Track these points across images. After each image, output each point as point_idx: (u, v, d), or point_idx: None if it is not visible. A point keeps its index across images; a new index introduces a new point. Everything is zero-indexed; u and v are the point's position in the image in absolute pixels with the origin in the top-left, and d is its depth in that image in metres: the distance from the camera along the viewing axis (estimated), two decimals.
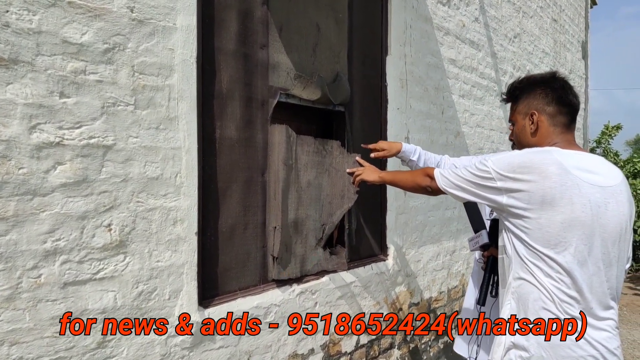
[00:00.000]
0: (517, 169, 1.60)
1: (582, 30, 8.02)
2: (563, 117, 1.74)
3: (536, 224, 1.58)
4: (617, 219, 1.62)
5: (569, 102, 1.74)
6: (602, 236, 1.58)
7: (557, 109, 1.74)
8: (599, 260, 1.59)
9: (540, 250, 1.58)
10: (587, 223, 1.56)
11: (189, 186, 1.94)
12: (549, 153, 1.62)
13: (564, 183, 1.55)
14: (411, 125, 3.43)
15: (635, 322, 6.14)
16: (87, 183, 1.64)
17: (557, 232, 1.56)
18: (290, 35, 2.43)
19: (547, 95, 1.76)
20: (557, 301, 1.56)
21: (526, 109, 1.80)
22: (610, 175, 1.65)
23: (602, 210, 1.58)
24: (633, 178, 11.20)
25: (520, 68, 5.37)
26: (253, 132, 2.29)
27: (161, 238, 1.86)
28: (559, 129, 1.74)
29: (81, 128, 1.62)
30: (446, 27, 3.86)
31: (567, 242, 1.56)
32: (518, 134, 1.86)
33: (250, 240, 2.30)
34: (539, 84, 1.79)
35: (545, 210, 1.56)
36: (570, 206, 1.55)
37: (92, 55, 1.64)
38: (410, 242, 3.45)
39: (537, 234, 1.58)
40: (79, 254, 1.63)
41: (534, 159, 1.61)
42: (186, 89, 1.92)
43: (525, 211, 1.59)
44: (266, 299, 2.30)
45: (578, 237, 1.56)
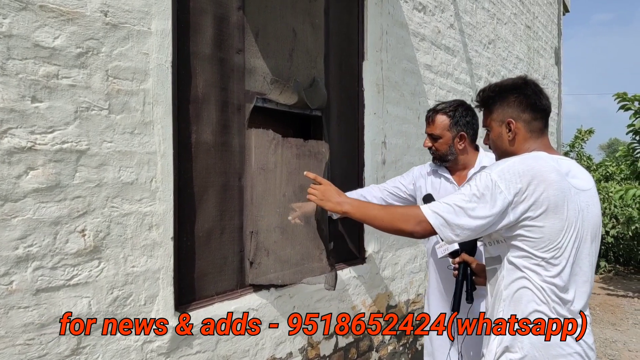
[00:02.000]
0: (518, 180, 1.58)
1: (554, 37, 8.20)
2: (538, 122, 1.77)
3: (539, 232, 1.58)
4: (595, 221, 1.68)
5: (543, 107, 1.77)
6: (585, 238, 1.64)
7: (532, 115, 1.76)
8: (583, 262, 1.64)
9: (539, 256, 1.59)
10: (577, 227, 1.61)
11: (165, 191, 1.93)
12: (544, 160, 1.63)
13: (563, 189, 1.58)
14: (388, 130, 3.47)
15: (608, 321, 6.28)
16: (60, 188, 1.63)
17: (557, 238, 1.58)
18: (267, 40, 2.45)
19: (521, 103, 1.77)
20: (550, 303, 1.60)
21: (501, 117, 1.80)
22: (586, 179, 1.71)
23: (585, 214, 1.64)
24: (605, 181, 11.46)
25: (495, 74, 5.46)
26: (230, 137, 2.30)
27: (136, 243, 1.85)
28: (536, 135, 1.76)
29: (54, 133, 1.60)
30: (422, 33, 3.92)
31: (564, 246, 1.59)
32: (495, 140, 1.85)
33: (227, 245, 2.30)
34: (512, 90, 1.80)
35: (548, 218, 1.57)
36: (567, 212, 1.59)
37: (64, 59, 1.62)
38: (388, 245, 3.48)
39: (539, 242, 1.58)
40: (52, 259, 1.61)
41: (534, 167, 1.59)
42: (161, 93, 1.92)
43: (531, 220, 1.58)
44: (243, 303, 2.29)
45: (572, 241, 1.60)
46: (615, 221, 9.35)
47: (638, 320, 6.31)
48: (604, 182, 11.27)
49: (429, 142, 2.49)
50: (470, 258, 2.10)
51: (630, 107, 7.28)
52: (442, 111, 2.44)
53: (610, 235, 9.26)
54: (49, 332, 1.60)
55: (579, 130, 13.20)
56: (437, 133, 2.43)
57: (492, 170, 1.63)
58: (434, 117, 2.44)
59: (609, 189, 9.83)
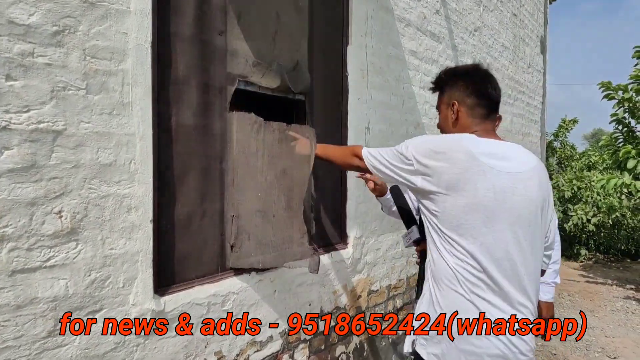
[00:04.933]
0: (431, 153, 1.70)
1: (541, 26, 8.22)
2: (481, 108, 1.82)
3: (443, 207, 1.68)
4: (526, 204, 1.68)
5: (488, 95, 1.83)
6: (508, 220, 1.65)
7: (476, 101, 1.82)
8: (508, 244, 1.65)
9: (446, 232, 1.69)
10: (490, 207, 1.63)
11: (144, 173, 1.92)
12: (459, 140, 1.71)
13: (469, 169, 1.64)
14: (372, 116, 3.47)
15: (586, 308, 6.40)
16: (36, 169, 1.60)
17: (460, 215, 1.65)
18: (249, 22, 2.42)
19: (467, 88, 1.84)
20: (461, 279, 1.66)
21: (448, 99, 1.89)
22: (521, 162, 1.72)
23: (509, 196, 1.65)
24: (588, 170, 11.60)
25: (480, 61, 5.47)
26: (211, 120, 2.28)
27: (115, 225, 1.84)
28: (477, 120, 1.82)
29: (29, 112, 1.58)
30: (407, 18, 3.91)
31: (468, 224, 1.65)
32: (442, 122, 1.96)
33: (208, 229, 2.30)
34: (461, 75, 1.89)
35: (450, 195, 1.66)
36: (474, 191, 1.63)
37: (40, 37, 1.59)
38: (370, 231, 3.49)
39: (443, 217, 1.69)
40: (27, 241, 1.59)
41: (445, 144, 1.70)
42: (140, 74, 1.89)
43: (434, 194, 1.69)
44: (224, 287, 2.29)
45: (480, 220, 1.64)
46: (597, 210, 9.49)
47: (616, 307, 6.44)
48: (587, 170, 11.41)
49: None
50: None
51: (614, 97, 7.36)
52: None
53: (591, 224, 9.40)
54: (25, 313, 1.59)
55: (563, 120, 13.31)
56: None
57: (414, 140, 1.82)
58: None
59: (591, 178, 9.96)
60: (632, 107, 7.24)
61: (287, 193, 2.60)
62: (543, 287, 2.50)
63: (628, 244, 9.68)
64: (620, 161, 6.94)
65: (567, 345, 5.02)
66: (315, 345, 2.91)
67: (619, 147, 7.49)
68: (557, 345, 4.99)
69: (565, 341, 5.11)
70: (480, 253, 1.64)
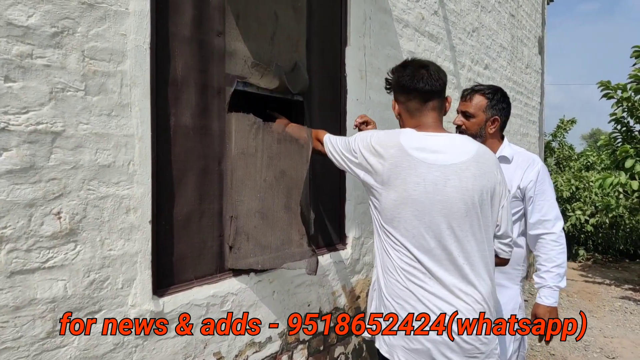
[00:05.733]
0: (371, 148, 1.80)
1: (538, 26, 8.24)
2: (412, 102, 1.87)
3: (380, 201, 1.78)
4: (460, 195, 1.71)
5: (414, 87, 1.85)
6: (441, 212, 1.70)
7: (406, 97, 1.89)
8: (441, 235, 1.70)
9: (384, 225, 1.78)
10: (420, 200, 1.70)
11: (142, 174, 1.92)
12: (394, 135, 1.79)
13: (399, 164, 1.71)
14: (371, 117, 3.45)
15: (585, 308, 6.41)
16: (35, 170, 1.60)
17: (392, 209, 1.73)
18: (248, 22, 2.42)
19: (397, 85, 1.92)
20: (399, 269, 1.76)
21: (393, 99, 1.99)
22: (456, 153, 1.76)
23: (440, 188, 1.70)
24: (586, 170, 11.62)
25: (479, 62, 5.49)
26: (209, 121, 2.28)
27: (113, 226, 1.84)
28: (414, 114, 1.89)
29: (28, 113, 1.58)
30: (405, 19, 3.91)
31: (401, 217, 1.72)
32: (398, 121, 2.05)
33: (207, 229, 2.30)
34: (394, 75, 1.96)
35: (385, 189, 1.74)
36: (404, 185, 1.70)
37: (39, 38, 1.59)
38: (369, 232, 3.50)
39: (381, 210, 1.78)
40: (26, 242, 1.59)
41: (383, 140, 1.79)
42: (139, 75, 1.89)
43: (373, 189, 1.80)
44: (223, 287, 2.30)
45: (411, 213, 1.71)
46: (595, 210, 9.51)
47: (614, 307, 6.45)
48: (585, 171, 11.44)
49: (461, 119, 2.54)
50: None
51: (612, 96, 7.38)
52: (481, 92, 2.51)
53: (589, 224, 9.42)
54: (24, 314, 1.59)
55: (562, 120, 13.35)
56: (471, 111, 2.49)
57: (363, 133, 1.92)
58: (472, 96, 2.52)
59: (589, 178, 9.98)
60: (631, 106, 7.26)
61: (286, 194, 2.60)
62: (544, 290, 2.41)
63: (626, 244, 9.70)
64: (619, 161, 6.96)
65: (566, 346, 5.03)
66: (314, 346, 2.91)
67: (617, 147, 7.51)
68: (556, 346, 4.99)
69: (565, 341, 5.12)
70: (412, 245, 1.71)
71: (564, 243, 2.48)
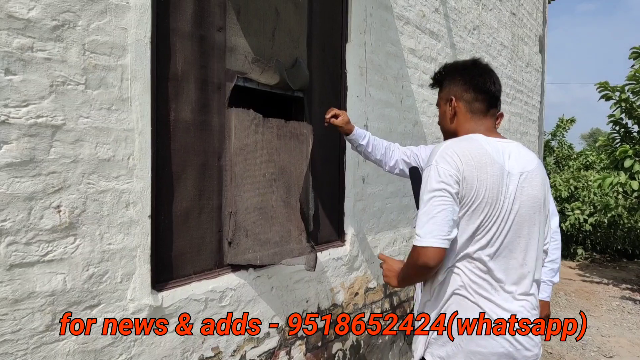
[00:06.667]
0: (458, 163, 1.61)
1: (539, 25, 8.23)
2: (480, 103, 1.79)
3: (466, 215, 1.62)
4: (531, 203, 1.68)
5: (486, 89, 1.80)
6: (516, 220, 1.64)
7: (474, 96, 1.80)
8: (513, 243, 1.64)
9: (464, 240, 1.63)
10: (505, 209, 1.62)
11: (142, 169, 1.92)
12: (477, 142, 1.68)
13: (494, 173, 1.62)
14: (370, 114, 3.47)
15: (583, 307, 6.42)
16: (35, 163, 1.60)
17: (482, 222, 1.61)
18: (249, 18, 2.42)
19: (465, 82, 1.82)
20: (466, 282, 1.64)
21: (447, 95, 1.87)
22: (525, 161, 1.71)
23: (518, 196, 1.65)
24: (585, 170, 11.63)
25: None
26: (209, 116, 2.28)
27: (113, 221, 1.84)
28: (477, 116, 1.80)
29: (28, 107, 1.58)
30: (406, 16, 3.91)
31: (488, 229, 1.62)
32: (440, 118, 1.94)
33: (206, 225, 2.30)
34: (459, 70, 1.87)
35: (476, 201, 1.61)
36: (496, 195, 1.61)
37: (39, 31, 1.59)
38: (368, 229, 3.50)
39: (465, 224, 1.62)
40: (26, 235, 1.59)
41: (466, 150, 1.64)
42: (140, 69, 1.89)
43: (463, 205, 1.62)
44: (221, 283, 2.30)
45: (497, 224, 1.62)
46: (593, 209, 9.52)
47: (612, 306, 6.47)
48: (584, 170, 11.44)
49: None
50: None
51: (611, 97, 7.38)
52: None
53: (588, 224, 9.43)
54: (23, 307, 1.59)
55: (561, 119, 13.36)
56: None
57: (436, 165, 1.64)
58: None
59: (589, 178, 9.99)
60: (629, 107, 7.27)
61: (285, 190, 2.61)
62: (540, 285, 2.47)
63: (624, 243, 9.71)
64: (618, 161, 6.97)
65: (563, 344, 5.04)
66: (312, 342, 2.91)
67: (616, 147, 7.52)
68: (554, 345, 5.01)
69: (564, 341, 5.13)
70: (493, 258, 1.63)
71: (559, 239, 2.51)
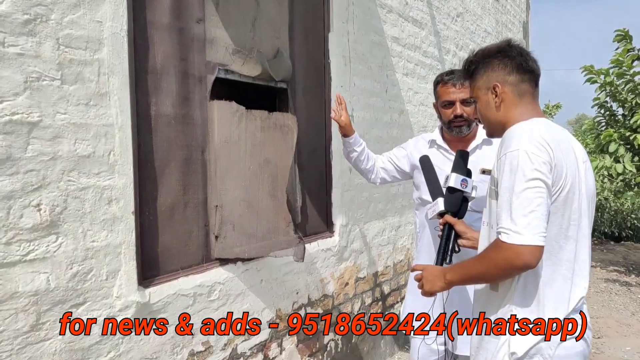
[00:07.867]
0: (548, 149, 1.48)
1: (523, 11, 8.25)
2: (526, 84, 1.67)
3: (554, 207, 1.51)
4: (591, 193, 1.63)
5: (530, 69, 1.67)
6: (583, 209, 1.58)
7: (519, 77, 1.66)
8: (578, 234, 1.57)
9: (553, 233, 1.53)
10: (577, 197, 1.54)
11: (124, 164, 1.89)
12: (553, 126, 1.60)
13: (570, 159, 1.54)
14: (355, 104, 3.45)
15: None
16: (12, 161, 1.57)
17: (562, 208, 1.52)
18: (228, 9, 2.39)
19: (506, 65, 1.67)
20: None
21: (487, 84, 1.70)
22: (580, 148, 1.65)
23: (583, 184, 1.57)
24: None
25: (463, 47, 5.48)
26: (191, 109, 2.25)
27: (95, 218, 1.81)
28: (526, 99, 1.67)
29: (2, 104, 1.54)
30: (389, 4, 3.89)
31: (568, 216, 1.54)
32: (482, 110, 1.75)
33: (192, 219, 2.28)
34: (496, 54, 1.70)
35: (559, 188, 1.51)
36: (572, 181, 1.53)
37: (11, 26, 1.55)
38: (356, 219, 3.49)
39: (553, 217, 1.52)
40: (5, 235, 1.56)
41: (551, 135, 1.52)
42: (117, 63, 1.86)
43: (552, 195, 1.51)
44: (210, 277, 2.28)
45: (574, 211, 1.54)
46: None
47: (600, 288, 6.53)
48: None
49: (461, 108, 2.35)
50: (453, 220, 2.00)
51: (596, 80, 7.40)
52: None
53: None
54: (6, 308, 1.56)
55: (547, 105, 13.44)
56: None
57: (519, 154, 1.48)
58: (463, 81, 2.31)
59: None
60: (614, 90, 7.30)
61: (271, 182, 2.59)
62: None
63: (611, 226, 9.82)
64: (603, 145, 7.01)
65: None
66: (303, 333, 2.91)
67: (601, 131, 7.56)
68: None
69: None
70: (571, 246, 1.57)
71: None
